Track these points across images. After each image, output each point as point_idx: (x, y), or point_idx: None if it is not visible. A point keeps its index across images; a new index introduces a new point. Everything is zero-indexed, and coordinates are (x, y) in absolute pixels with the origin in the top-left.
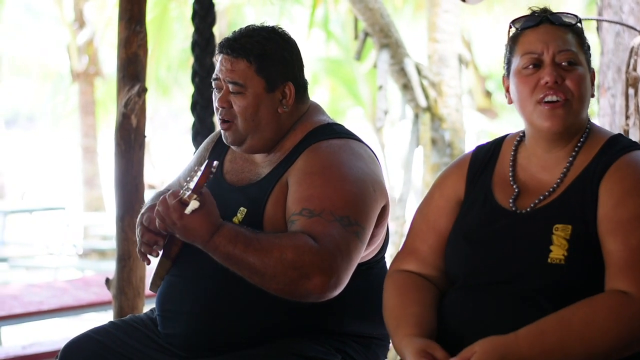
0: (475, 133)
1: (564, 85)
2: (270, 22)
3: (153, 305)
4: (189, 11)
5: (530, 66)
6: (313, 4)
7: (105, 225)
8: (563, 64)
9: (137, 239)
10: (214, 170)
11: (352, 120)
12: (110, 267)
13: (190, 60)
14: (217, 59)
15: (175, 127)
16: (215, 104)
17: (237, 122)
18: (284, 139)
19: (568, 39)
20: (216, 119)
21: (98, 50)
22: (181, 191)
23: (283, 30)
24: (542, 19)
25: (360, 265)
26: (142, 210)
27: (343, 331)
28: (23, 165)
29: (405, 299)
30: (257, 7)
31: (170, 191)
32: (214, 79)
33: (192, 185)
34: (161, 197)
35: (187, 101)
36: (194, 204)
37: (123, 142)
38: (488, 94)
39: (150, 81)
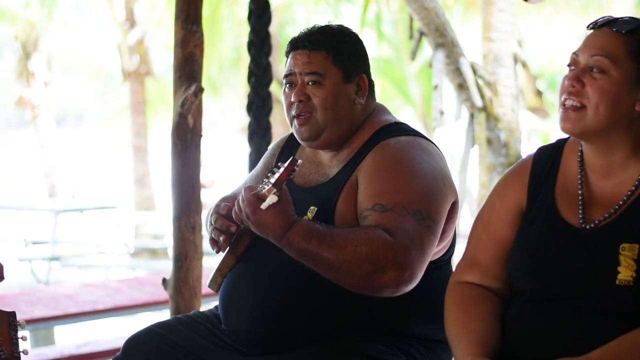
0: (526, 132)
1: (583, 91)
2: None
3: (209, 306)
4: (240, 10)
5: (571, 67)
6: (365, 3)
7: (156, 224)
8: (593, 69)
9: (209, 228)
10: (297, 168)
11: (403, 120)
12: (161, 266)
13: (241, 59)
14: (289, 57)
15: (225, 125)
16: (290, 100)
17: (317, 114)
18: (352, 137)
19: (610, 45)
20: (285, 117)
21: (149, 50)
22: (259, 186)
23: (350, 29)
24: (604, 22)
25: (429, 263)
26: (217, 202)
27: (408, 332)
28: (73, 164)
29: (466, 314)
30: (307, 7)
31: (248, 185)
32: (287, 75)
33: (272, 180)
34: (243, 189)
35: (237, 100)
36: (272, 199)
37: (179, 142)
38: (539, 93)
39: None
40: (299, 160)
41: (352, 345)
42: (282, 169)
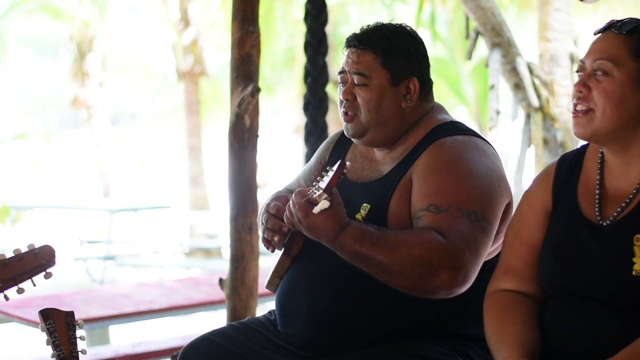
0: None
1: (590, 96)
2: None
3: (266, 306)
4: (294, 10)
5: (580, 73)
6: (419, 3)
7: (210, 224)
8: (597, 73)
9: (260, 228)
10: (345, 171)
11: (457, 119)
12: (215, 266)
13: (295, 59)
14: (344, 53)
15: (278, 125)
16: (340, 97)
17: (360, 115)
18: (406, 136)
19: (611, 48)
20: (339, 113)
21: (203, 50)
22: (310, 190)
23: (411, 28)
24: (607, 26)
25: (482, 264)
26: (267, 201)
27: (464, 334)
28: (128, 163)
29: (503, 319)
30: (361, 6)
31: (298, 189)
32: (340, 72)
33: (322, 185)
34: (294, 193)
35: (290, 100)
36: (323, 204)
37: (236, 142)
38: None
39: None
40: (348, 163)
41: (408, 346)
42: (331, 173)
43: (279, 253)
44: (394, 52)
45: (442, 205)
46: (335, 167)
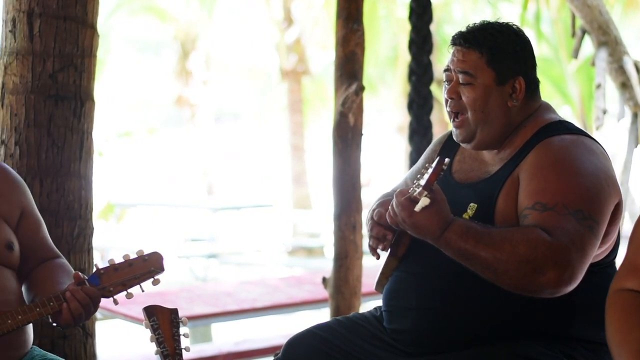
0: None
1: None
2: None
3: (369, 304)
4: (397, 9)
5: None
6: (524, 2)
7: (312, 223)
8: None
9: (368, 234)
10: (444, 167)
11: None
12: (317, 265)
13: (398, 58)
14: (450, 51)
15: (380, 124)
16: (445, 96)
17: (467, 115)
18: (514, 135)
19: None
20: (444, 117)
21: (306, 49)
22: (411, 189)
23: (517, 27)
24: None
25: (591, 265)
26: (373, 206)
27: (571, 335)
28: (231, 162)
29: (627, 322)
30: (465, 5)
31: (399, 189)
32: (445, 70)
33: (422, 182)
34: (395, 194)
35: (393, 99)
36: (424, 201)
37: (340, 141)
38: None
39: None
40: (447, 159)
41: (513, 347)
42: (430, 170)
43: (384, 257)
44: (500, 52)
45: (548, 204)
46: (434, 164)
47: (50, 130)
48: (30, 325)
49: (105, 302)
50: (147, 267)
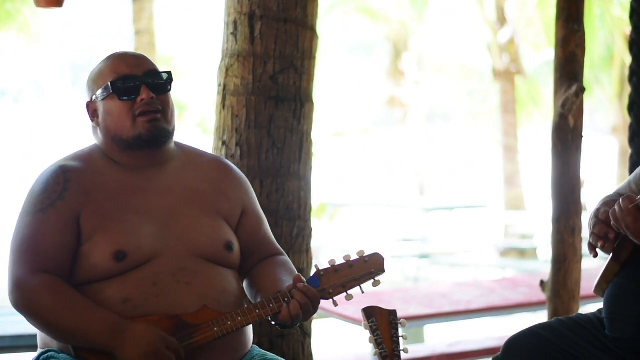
0: None
1: None
2: None
3: (588, 308)
4: (612, 9)
5: None
6: None
7: (525, 224)
8: None
9: (589, 231)
10: None
11: None
12: (530, 267)
13: (613, 58)
14: None
15: (593, 124)
16: None
17: None
18: None
19: None
20: None
21: (519, 49)
22: (639, 196)
23: None
24: None
25: None
26: (597, 206)
27: None
28: (443, 162)
29: None
30: None
31: (627, 195)
32: None
33: None
34: (621, 198)
35: (607, 99)
36: None
37: (559, 143)
38: None
39: None
40: None
41: None
42: None
43: (602, 256)
44: None
45: None
46: None
47: (271, 132)
48: (250, 326)
49: (323, 302)
50: (367, 268)
